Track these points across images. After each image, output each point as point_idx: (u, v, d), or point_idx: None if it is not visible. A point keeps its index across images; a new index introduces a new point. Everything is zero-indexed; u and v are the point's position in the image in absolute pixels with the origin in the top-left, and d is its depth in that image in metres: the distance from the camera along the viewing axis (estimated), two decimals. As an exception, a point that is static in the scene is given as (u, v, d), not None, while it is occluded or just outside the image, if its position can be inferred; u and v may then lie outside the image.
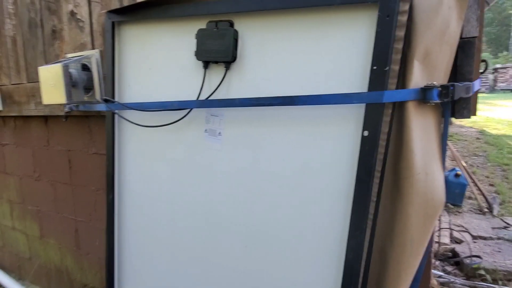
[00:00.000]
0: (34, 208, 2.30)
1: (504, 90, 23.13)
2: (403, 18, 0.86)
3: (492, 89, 24.24)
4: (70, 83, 1.53)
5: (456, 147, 7.19)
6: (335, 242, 1.02)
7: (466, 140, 8.00)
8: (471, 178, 4.31)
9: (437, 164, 0.97)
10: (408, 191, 0.92)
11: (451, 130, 9.11)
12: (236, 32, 1.10)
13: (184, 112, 1.22)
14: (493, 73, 24.36)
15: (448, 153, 4.99)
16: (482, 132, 8.97)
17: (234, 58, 1.12)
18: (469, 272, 2.75)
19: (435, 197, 0.94)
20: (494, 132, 8.91)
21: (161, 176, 1.37)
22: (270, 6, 1.03)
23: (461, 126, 9.97)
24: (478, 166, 5.96)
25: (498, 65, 24.87)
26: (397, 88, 0.90)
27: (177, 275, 1.38)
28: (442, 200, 0.95)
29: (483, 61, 1.07)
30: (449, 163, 5.27)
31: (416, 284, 1.02)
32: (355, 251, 0.96)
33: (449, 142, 4.83)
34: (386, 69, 0.87)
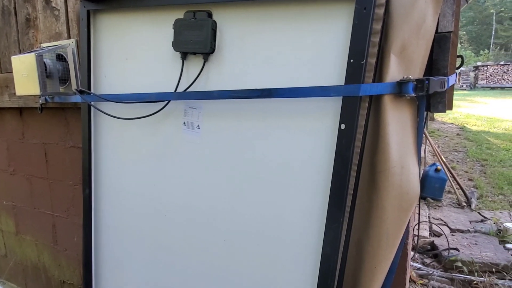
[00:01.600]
0: (10, 203, 2.22)
1: (484, 88, 23.80)
2: (380, 11, 0.86)
3: (473, 87, 24.90)
4: (45, 74, 1.48)
5: (437, 142, 7.37)
6: (313, 235, 1.02)
7: (447, 136, 8.21)
8: (450, 173, 4.43)
9: (413, 157, 0.98)
10: (384, 184, 0.93)
11: (433, 126, 9.33)
12: (214, 23, 1.08)
13: (162, 104, 1.20)
14: (474, 71, 25.00)
15: (429, 148, 5.11)
16: (462, 128, 9.22)
17: (212, 50, 1.10)
18: (447, 264, 2.83)
19: (410, 190, 0.95)
20: (474, 128, 9.17)
21: (139, 170, 1.34)
22: (248, -4, 1.01)
23: (443, 123, 10.22)
24: (458, 161, 6.13)
25: (479, 63, 25.54)
26: (373, 81, 0.90)
27: (156, 270, 1.36)
28: (417, 193, 0.97)
29: (459, 56, 1.08)
30: (430, 159, 5.40)
31: (392, 276, 1.03)
32: (332, 244, 0.97)
33: (430, 138, 4.94)
34: (362, 62, 0.87)
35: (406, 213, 0.96)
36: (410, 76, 0.89)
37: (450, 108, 1.08)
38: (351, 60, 0.88)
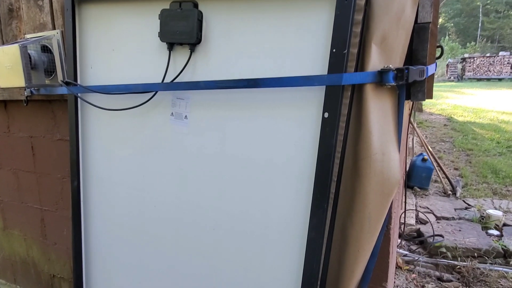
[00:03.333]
0: (-4, 198, 2.20)
1: (471, 79, 24.19)
2: (361, 2, 0.89)
3: (460, 78, 25.27)
4: (29, 65, 1.46)
5: (425, 133, 7.50)
6: (299, 221, 1.05)
7: (434, 127, 8.36)
8: (437, 162, 4.53)
9: (393, 144, 1.01)
10: (366, 171, 0.96)
11: (421, 117, 9.47)
12: (200, 13, 1.09)
13: (149, 95, 1.20)
14: (461, 62, 25.35)
15: (416, 139, 5.20)
16: (449, 119, 9.39)
17: (199, 40, 1.11)
18: (432, 250, 2.92)
19: (391, 176, 0.98)
20: (460, 119, 9.35)
21: (127, 161, 1.34)
22: (233, -13, 1.02)
23: (431, 114, 10.38)
24: (444, 151, 6.26)
25: (466, 55, 25.88)
26: (355, 70, 0.92)
27: (146, 260, 1.38)
28: (397, 179, 1.00)
29: (439, 46, 1.11)
30: (417, 149, 5.50)
31: (374, 259, 1.07)
32: (317, 229, 1.00)
33: (418, 129, 5.03)
34: (344, 52, 0.89)
35: (388, 198, 1.00)
36: (391, 66, 0.91)
37: (430, 97, 1.12)
38: (334, 50, 0.90)
